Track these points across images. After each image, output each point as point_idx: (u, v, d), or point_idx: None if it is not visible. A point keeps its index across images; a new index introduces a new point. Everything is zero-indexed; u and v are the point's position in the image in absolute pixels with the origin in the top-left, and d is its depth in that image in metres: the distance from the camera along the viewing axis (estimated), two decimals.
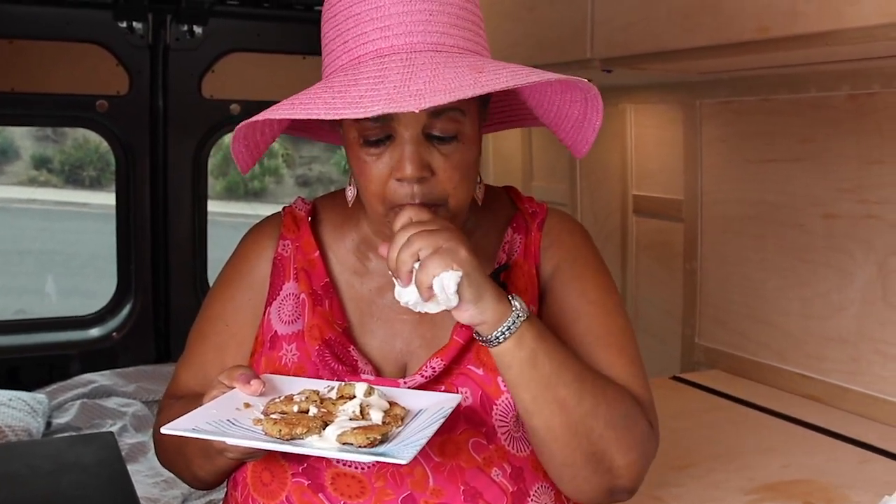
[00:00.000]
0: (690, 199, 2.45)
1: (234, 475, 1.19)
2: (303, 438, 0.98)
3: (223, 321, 1.26)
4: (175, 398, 1.28)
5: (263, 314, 1.23)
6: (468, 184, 1.11)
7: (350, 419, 1.01)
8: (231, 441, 0.99)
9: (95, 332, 3.38)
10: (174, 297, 3.43)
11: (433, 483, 1.10)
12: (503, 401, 1.14)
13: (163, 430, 0.99)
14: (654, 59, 1.93)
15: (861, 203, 1.93)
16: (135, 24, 3.14)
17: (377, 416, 1.01)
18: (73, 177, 10.78)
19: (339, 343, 1.17)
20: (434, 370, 1.14)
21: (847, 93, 1.93)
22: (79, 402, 3.05)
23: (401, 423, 1.03)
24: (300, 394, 1.07)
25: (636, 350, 1.21)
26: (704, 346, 2.43)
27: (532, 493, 1.13)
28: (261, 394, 1.07)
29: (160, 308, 3.42)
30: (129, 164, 3.30)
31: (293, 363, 1.18)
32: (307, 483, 1.11)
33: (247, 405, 1.05)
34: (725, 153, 2.33)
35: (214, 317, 1.27)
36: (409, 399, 1.09)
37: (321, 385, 1.10)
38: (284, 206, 1.30)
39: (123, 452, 1.96)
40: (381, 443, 0.97)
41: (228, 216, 8.47)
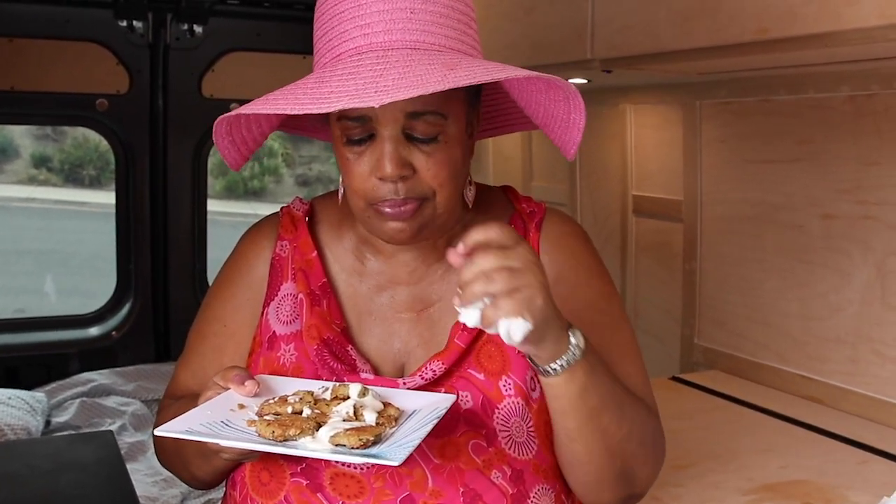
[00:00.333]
0: (690, 200, 2.45)
1: (233, 475, 1.19)
2: (296, 440, 0.98)
3: (221, 321, 1.26)
4: (174, 398, 1.28)
5: (261, 314, 1.23)
6: (455, 182, 1.10)
7: (343, 420, 1.01)
8: (224, 443, 0.99)
9: (95, 331, 3.38)
10: (173, 296, 3.42)
11: (432, 484, 1.10)
12: (505, 405, 1.14)
13: (156, 432, 0.99)
14: (654, 60, 1.93)
15: (860, 204, 1.93)
16: (135, 23, 3.13)
17: (371, 417, 1.01)
18: (73, 176, 10.75)
19: (338, 343, 1.17)
20: (434, 373, 1.14)
21: (846, 94, 1.93)
22: (78, 401, 3.05)
23: (395, 424, 1.03)
24: (294, 395, 1.07)
25: (642, 358, 1.24)
26: (703, 347, 2.43)
27: (532, 496, 1.13)
28: (255, 395, 1.07)
29: (159, 307, 3.42)
30: (129, 163, 3.29)
31: (291, 363, 1.18)
32: (306, 483, 1.11)
33: (241, 406, 1.05)
34: (725, 154, 2.33)
35: (213, 317, 1.27)
36: (404, 399, 1.08)
37: (315, 386, 1.10)
38: (282, 207, 1.30)
39: (123, 451, 1.96)
40: (374, 444, 0.97)
41: (228, 215, 8.46)
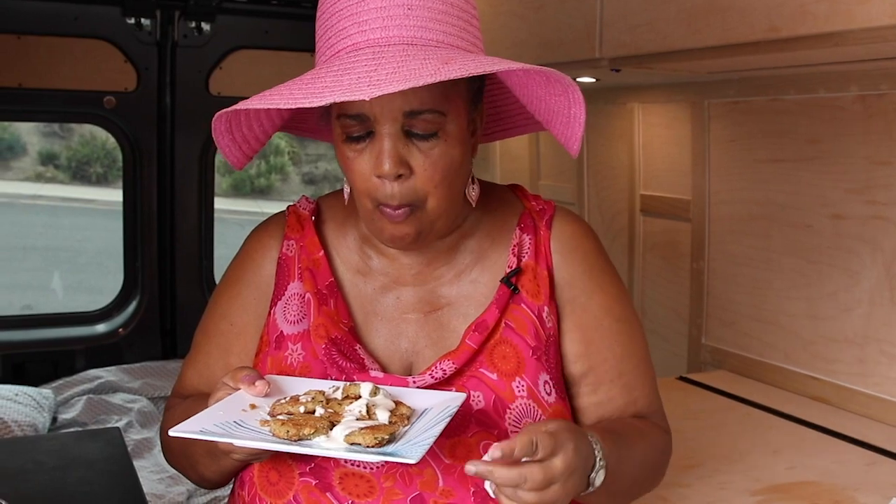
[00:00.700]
0: (698, 199, 2.45)
1: (242, 474, 1.19)
2: (310, 439, 0.98)
3: (228, 321, 1.26)
4: (181, 397, 1.29)
5: (268, 314, 1.23)
6: (450, 185, 1.10)
7: (357, 419, 1.01)
8: (239, 443, 0.98)
9: (102, 328, 3.39)
10: (180, 294, 3.43)
11: (443, 484, 1.10)
12: (517, 405, 1.14)
13: (170, 433, 0.99)
14: (663, 59, 1.92)
15: (869, 204, 1.92)
16: (143, 21, 3.15)
17: (383, 416, 1.01)
18: (80, 173, 10.76)
19: (346, 342, 1.17)
20: (444, 372, 1.14)
21: (856, 93, 1.92)
22: (85, 398, 3.06)
23: (407, 423, 1.03)
24: (306, 394, 1.07)
25: (653, 367, 1.28)
26: (711, 347, 2.43)
27: None
28: (266, 395, 1.07)
29: (166, 304, 3.43)
30: (137, 161, 3.30)
31: (299, 363, 1.18)
32: (315, 482, 1.11)
33: (252, 406, 1.05)
34: (733, 153, 2.33)
35: (219, 316, 1.27)
36: (414, 398, 1.08)
37: (326, 385, 1.10)
38: (288, 206, 1.29)
39: (129, 448, 1.96)
40: (389, 442, 0.97)
41: (235, 213, 8.46)
